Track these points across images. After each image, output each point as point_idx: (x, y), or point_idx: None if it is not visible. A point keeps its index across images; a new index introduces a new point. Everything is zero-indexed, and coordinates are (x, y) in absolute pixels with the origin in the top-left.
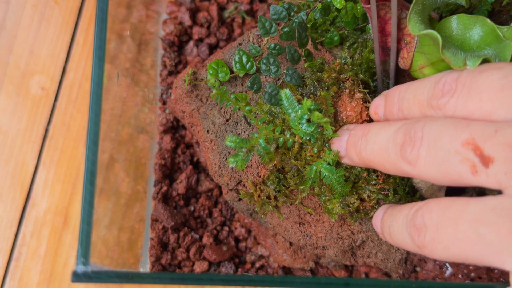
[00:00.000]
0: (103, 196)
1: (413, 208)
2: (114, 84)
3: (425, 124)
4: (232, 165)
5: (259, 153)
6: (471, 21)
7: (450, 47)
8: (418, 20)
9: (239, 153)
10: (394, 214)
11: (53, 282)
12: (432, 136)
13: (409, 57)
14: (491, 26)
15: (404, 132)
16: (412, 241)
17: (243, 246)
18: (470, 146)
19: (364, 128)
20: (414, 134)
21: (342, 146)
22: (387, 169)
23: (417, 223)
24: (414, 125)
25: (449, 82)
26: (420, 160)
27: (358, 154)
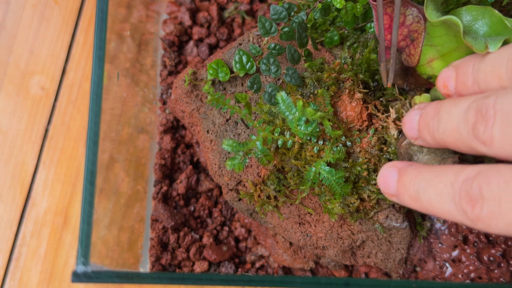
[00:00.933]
0: (103, 196)
1: (461, 175)
2: (114, 84)
3: (496, 99)
4: (229, 168)
5: (256, 155)
6: (479, 12)
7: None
8: (434, 7)
9: (236, 156)
10: (429, 179)
11: (53, 282)
12: (505, 112)
13: (416, 53)
14: (499, 16)
15: (475, 109)
16: (462, 213)
17: (243, 246)
18: None
19: (436, 106)
20: (486, 112)
21: (414, 128)
22: (462, 150)
23: (473, 193)
24: (485, 101)
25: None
26: (495, 140)
27: (432, 135)
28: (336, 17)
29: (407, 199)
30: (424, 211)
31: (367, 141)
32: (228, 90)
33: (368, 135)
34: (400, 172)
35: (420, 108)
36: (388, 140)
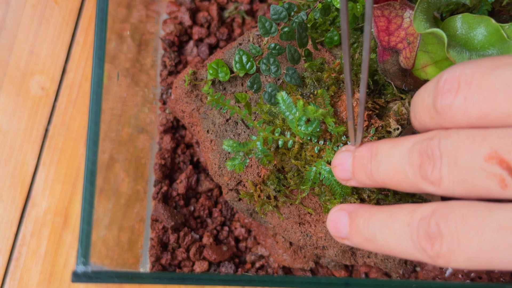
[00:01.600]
0: (103, 196)
1: (416, 214)
2: (114, 84)
3: (440, 141)
4: (230, 168)
5: (257, 156)
6: (475, 21)
7: (455, 45)
8: (423, 18)
9: (236, 156)
10: (384, 219)
11: (53, 282)
12: (451, 154)
13: (411, 56)
14: (496, 26)
15: (419, 151)
16: (421, 251)
17: (243, 246)
18: (494, 160)
19: (370, 148)
20: (432, 154)
21: (347, 170)
22: (405, 189)
23: (431, 231)
24: (429, 143)
25: (450, 80)
26: (443, 180)
27: (370, 177)
28: (336, 17)
29: (362, 241)
30: (380, 251)
31: (367, 141)
32: (228, 90)
33: (369, 135)
34: (351, 215)
35: (349, 150)
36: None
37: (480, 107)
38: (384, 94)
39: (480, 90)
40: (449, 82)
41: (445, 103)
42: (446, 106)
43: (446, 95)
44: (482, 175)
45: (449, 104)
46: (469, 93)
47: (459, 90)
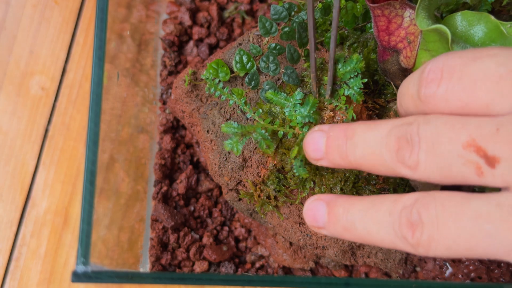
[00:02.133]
0: (103, 196)
1: (399, 203)
2: (114, 84)
3: (419, 127)
4: (228, 148)
5: (256, 139)
6: (475, 18)
7: (458, 41)
8: (425, 15)
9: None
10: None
11: (53, 282)
12: (429, 140)
13: (412, 55)
14: (495, 23)
15: (397, 136)
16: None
17: (243, 246)
18: (472, 148)
19: (346, 130)
20: (411, 138)
21: (320, 149)
22: (381, 172)
23: (412, 219)
24: (408, 129)
25: (433, 70)
26: (420, 165)
27: (344, 158)
28: None
29: (340, 230)
30: (359, 240)
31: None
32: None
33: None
34: (329, 204)
35: (322, 130)
36: None
37: (461, 97)
38: (384, 94)
39: (461, 80)
40: (432, 72)
41: (428, 92)
42: (430, 95)
43: (430, 85)
44: (460, 162)
45: (432, 93)
46: (451, 83)
47: (441, 80)
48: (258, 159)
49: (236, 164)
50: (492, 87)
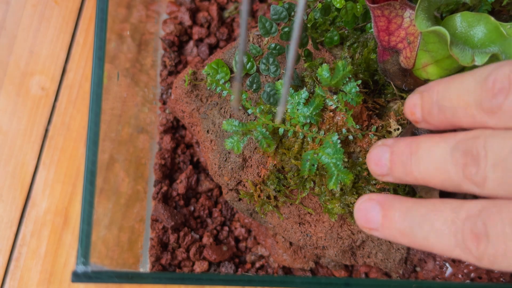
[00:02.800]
0: (103, 196)
1: (462, 212)
2: (114, 84)
3: (486, 141)
4: (229, 146)
5: (256, 137)
6: (474, 19)
7: (457, 43)
8: (424, 17)
9: (235, 135)
10: (424, 214)
11: (53, 282)
12: (497, 154)
13: (412, 56)
14: (495, 23)
15: (463, 150)
16: (465, 250)
17: (243, 246)
18: None
19: (410, 145)
20: (477, 153)
21: (384, 165)
22: (447, 188)
23: (477, 231)
24: (474, 143)
25: (500, 80)
26: (488, 182)
27: (409, 174)
28: (336, 17)
29: (396, 234)
30: (416, 246)
31: (367, 141)
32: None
33: (370, 133)
34: (383, 206)
35: (386, 145)
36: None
37: None
38: (384, 94)
39: None
40: (499, 82)
41: (495, 103)
42: (496, 106)
43: (497, 96)
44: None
45: (500, 104)
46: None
47: (510, 90)
48: (258, 159)
49: (236, 164)
50: None
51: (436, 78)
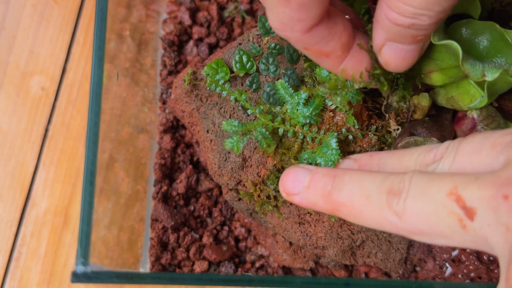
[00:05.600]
0: (103, 196)
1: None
2: (114, 84)
3: (413, 175)
4: (228, 147)
5: (256, 138)
6: (479, 27)
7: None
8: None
9: (234, 135)
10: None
11: (53, 282)
12: (420, 187)
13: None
14: (500, 31)
15: (391, 181)
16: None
17: (243, 246)
18: (453, 196)
19: (337, 170)
20: (403, 184)
21: (301, 183)
22: (365, 218)
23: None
24: (403, 176)
25: (440, 153)
26: (406, 212)
27: (326, 196)
28: None
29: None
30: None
31: (367, 141)
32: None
33: (370, 133)
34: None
35: (308, 169)
36: (388, 140)
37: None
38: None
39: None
40: (439, 154)
41: (432, 168)
42: (432, 169)
43: (436, 162)
44: (444, 212)
45: (435, 168)
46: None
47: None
48: (258, 159)
49: (236, 164)
50: (474, 157)
51: (440, 84)
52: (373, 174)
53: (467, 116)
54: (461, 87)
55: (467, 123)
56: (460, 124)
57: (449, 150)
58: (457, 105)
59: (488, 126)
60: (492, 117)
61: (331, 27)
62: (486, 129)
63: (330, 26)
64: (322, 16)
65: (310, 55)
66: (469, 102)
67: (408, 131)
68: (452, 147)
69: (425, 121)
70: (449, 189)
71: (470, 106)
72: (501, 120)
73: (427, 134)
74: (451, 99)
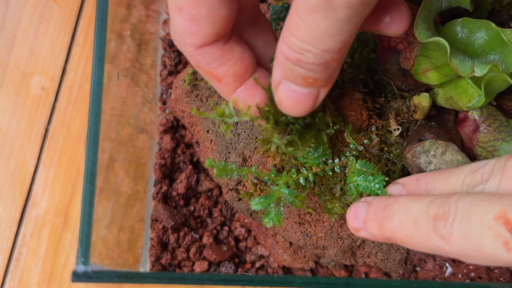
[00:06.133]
0: (103, 196)
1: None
2: (114, 84)
3: (459, 198)
4: (269, 225)
5: (287, 201)
6: (475, 25)
7: (457, 54)
8: (424, 26)
9: (269, 210)
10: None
11: (53, 282)
12: (466, 210)
13: (411, 57)
14: (496, 30)
15: (437, 205)
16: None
17: (243, 246)
18: (501, 220)
19: (388, 199)
20: (448, 208)
21: (360, 218)
22: (415, 243)
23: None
24: (449, 199)
25: (487, 173)
26: (453, 235)
27: (380, 226)
28: None
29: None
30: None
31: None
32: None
33: (373, 134)
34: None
35: (366, 201)
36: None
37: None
38: (385, 94)
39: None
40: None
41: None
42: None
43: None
44: (489, 234)
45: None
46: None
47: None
48: (258, 159)
49: (236, 164)
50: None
51: (437, 83)
52: (420, 199)
53: (468, 118)
54: (459, 86)
55: (470, 125)
56: (462, 126)
57: (495, 171)
58: (456, 105)
59: (490, 126)
60: (493, 116)
61: (226, 51)
62: (489, 129)
63: (225, 51)
64: (217, 37)
65: (203, 75)
66: (467, 101)
67: (417, 137)
68: (498, 167)
69: (432, 125)
70: (497, 213)
71: (469, 105)
72: (503, 118)
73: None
74: (450, 99)
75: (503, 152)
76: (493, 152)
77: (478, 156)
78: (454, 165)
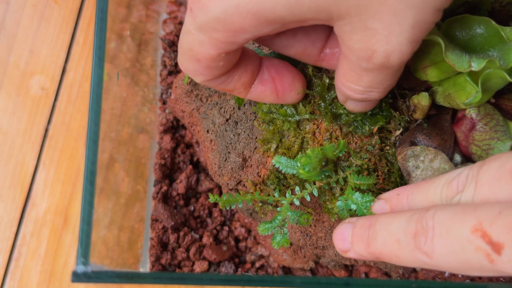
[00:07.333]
0: (103, 196)
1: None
2: (114, 84)
3: (435, 212)
4: (278, 247)
5: (293, 221)
6: (475, 22)
7: (454, 49)
8: None
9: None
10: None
11: (53, 282)
12: (443, 225)
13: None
14: (495, 27)
15: (415, 221)
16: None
17: (243, 246)
18: (479, 232)
19: (370, 219)
20: (426, 223)
21: (346, 240)
22: (402, 261)
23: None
24: (425, 214)
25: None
26: (435, 251)
27: (367, 247)
28: None
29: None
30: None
31: (368, 141)
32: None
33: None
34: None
35: (351, 222)
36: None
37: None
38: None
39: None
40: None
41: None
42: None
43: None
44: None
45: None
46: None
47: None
48: (258, 158)
49: (236, 164)
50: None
51: (436, 80)
52: (399, 216)
53: (465, 116)
54: (457, 84)
55: (466, 123)
56: (459, 125)
57: (469, 180)
58: (454, 102)
59: (487, 125)
60: (490, 115)
61: (231, 72)
62: (485, 128)
63: (231, 72)
64: (227, 72)
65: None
66: (465, 98)
67: (409, 139)
68: (472, 176)
69: (424, 127)
70: (473, 226)
71: (466, 102)
72: (500, 117)
73: (428, 141)
74: (448, 96)
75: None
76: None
77: (473, 154)
78: (440, 173)
